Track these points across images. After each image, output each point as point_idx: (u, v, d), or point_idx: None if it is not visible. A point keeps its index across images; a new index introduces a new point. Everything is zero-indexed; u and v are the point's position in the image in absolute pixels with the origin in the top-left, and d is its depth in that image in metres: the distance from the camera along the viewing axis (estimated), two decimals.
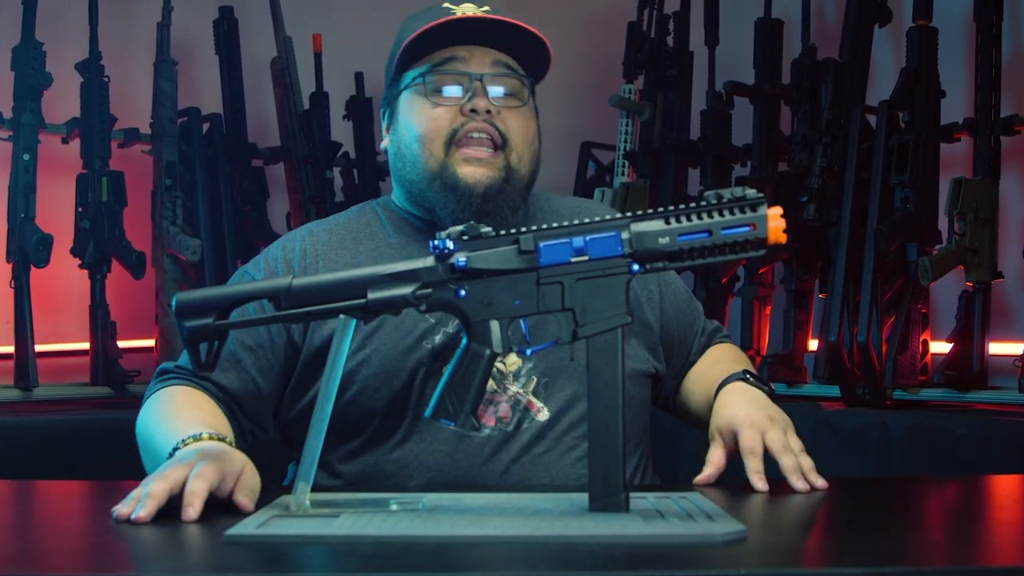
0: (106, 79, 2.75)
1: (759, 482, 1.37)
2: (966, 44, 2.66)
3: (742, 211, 1.19)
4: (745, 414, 1.45)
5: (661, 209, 1.21)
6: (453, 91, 1.53)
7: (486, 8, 1.54)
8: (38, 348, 2.65)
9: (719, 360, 1.67)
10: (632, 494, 1.21)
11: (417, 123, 1.54)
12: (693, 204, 1.20)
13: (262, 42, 3.08)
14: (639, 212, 1.22)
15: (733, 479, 1.43)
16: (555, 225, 1.23)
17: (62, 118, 2.75)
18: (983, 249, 2.46)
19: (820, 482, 1.38)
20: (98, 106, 2.74)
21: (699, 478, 1.43)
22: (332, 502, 1.24)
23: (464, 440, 1.50)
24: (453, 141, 1.52)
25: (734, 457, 1.44)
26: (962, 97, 2.63)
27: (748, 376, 1.53)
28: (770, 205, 1.19)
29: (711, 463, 1.45)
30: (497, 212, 1.52)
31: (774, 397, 1.52)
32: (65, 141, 2.77)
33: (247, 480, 1.25)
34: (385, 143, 1.63)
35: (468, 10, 1.53)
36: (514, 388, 1.52)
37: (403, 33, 1.57)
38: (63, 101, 2.74)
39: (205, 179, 2.84)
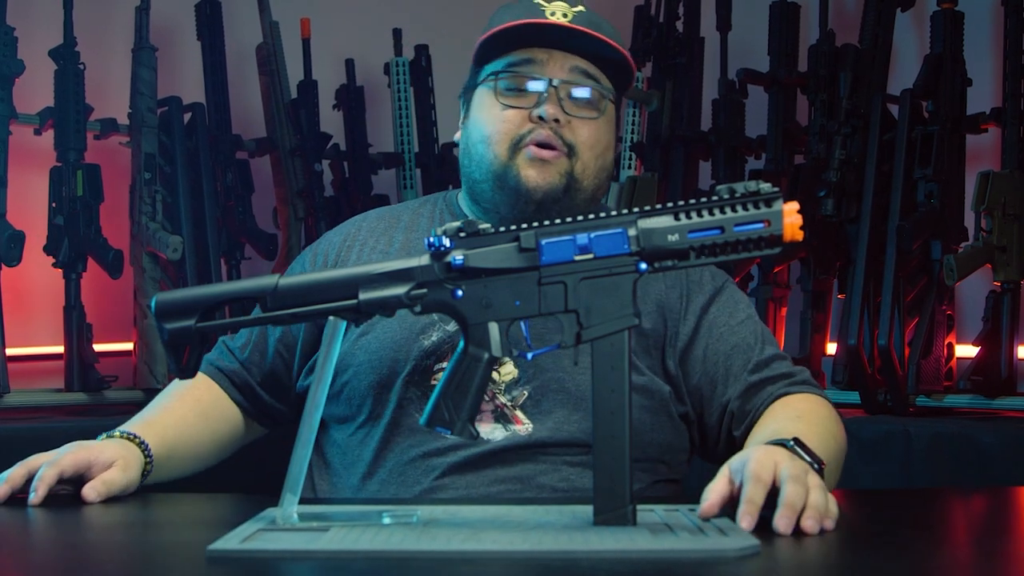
0: (81, 66, 2.75)
1: (745, 517, 1.14)
2: (994, 29, 2.66)
3: (756, 206, 1.19)
4: (762, 448, 1.25)
5: (670, 204, 1.21)
6: (526, 94, 1.57)
7: (580, 8, 1.58)
8: (9, 352, 2.64)
9: (778, 418, 1.49)
10: (640, 507, 1.21)
11: (486, 123, 1.58)
12: (704, 199, 1.21)
13: (247, 27, 3.08)
14: (647, 207, 1.22)
15: None
16: (558, 221, 1.23)
17: (35, 108, 2.74)
18: (1012, 247, 2.46)
19: (808, 523, 1.14)
20: (73, 95, 2.73)
21: (700, 510, 1.19)
22: (321, 515, 1.24)
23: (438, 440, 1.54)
24: (519, 145, 1.56)
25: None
26: (989, 86, 2.63)
27: (791, 444, 1.27)
28: (786, 200, 1.19)
29: (713, 491, 1.19)
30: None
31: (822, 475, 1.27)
32: (38, 132, 2.76)
33: (109, 475, 1.41)
34: (458, 135, 1.67)
35: (559, 9, 1.57)
36: (502, 399, 1.53)
37: (490, 24, 1.60)
38: (36, 90, 2.74)
39: (186, 172, 2.83)
